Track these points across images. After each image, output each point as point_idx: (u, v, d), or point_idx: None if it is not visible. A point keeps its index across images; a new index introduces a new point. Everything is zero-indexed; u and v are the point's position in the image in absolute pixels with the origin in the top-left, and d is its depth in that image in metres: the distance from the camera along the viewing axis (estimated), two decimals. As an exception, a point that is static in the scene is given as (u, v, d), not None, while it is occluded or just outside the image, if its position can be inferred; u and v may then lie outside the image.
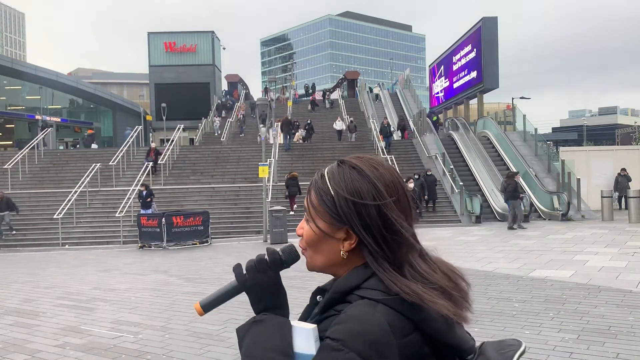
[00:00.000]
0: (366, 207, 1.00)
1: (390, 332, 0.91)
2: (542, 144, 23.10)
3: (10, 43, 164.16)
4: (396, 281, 0.97)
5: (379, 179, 1.01)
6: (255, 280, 1.07)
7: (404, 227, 1.00)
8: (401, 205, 1.02)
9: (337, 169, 1.05)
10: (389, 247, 0.99)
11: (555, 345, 5.13)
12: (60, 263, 13.61)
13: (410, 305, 0.95)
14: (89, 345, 5.91)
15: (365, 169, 1.03)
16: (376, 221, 0.99)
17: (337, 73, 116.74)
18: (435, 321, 0.97)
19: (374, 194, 1.00)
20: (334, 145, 26.34)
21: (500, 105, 58.88)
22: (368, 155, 1.08)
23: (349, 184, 1.01)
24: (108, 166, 22.47)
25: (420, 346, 0.96)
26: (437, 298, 0.97)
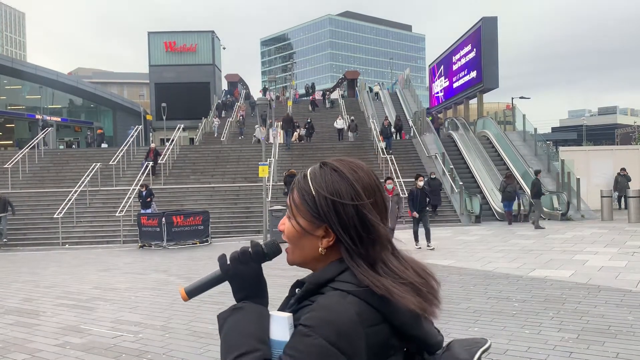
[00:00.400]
0: (344, 206, 1.06)
1: (358, 321, 0.98)
2: (542, 143, 23.11)
3: (10, 43, 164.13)
4: (367, 275, 1.03)
5: (358, 181, 1.08)
6: (237, 270, 1.14)
7: (380, 227, 1.07)
8: (378, 207, 1.09)
9: (319, 170, 1.12)
10: (364, 244, 1.06)
11: (555, 345, 5.14)
12: (60, 262, 13.61)
13: (379, 298, 1.01)
14: (89, 344, 5.92)
15: (346, 171, 1.10)
16: (353, 220, 1.06)
17: (337, 73, 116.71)
18: (403, 314, 1.03)
19: (353, 195, 1.07)
20: (334, 145, 26.35)
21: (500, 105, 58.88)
22: (350, 158, 1.15)
23: (329, 184, 1.08)
24: (108, 166, 22.48)
25: (388, 337, 1.02)
26: (405, 293, 1.03)
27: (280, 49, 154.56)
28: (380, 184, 1.14)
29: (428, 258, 11.08)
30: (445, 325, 6.01)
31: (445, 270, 9.68)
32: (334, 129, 30.37)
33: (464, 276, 8.95)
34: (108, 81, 72.79)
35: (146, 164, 22.22)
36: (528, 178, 20.27)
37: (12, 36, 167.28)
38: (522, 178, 20.60)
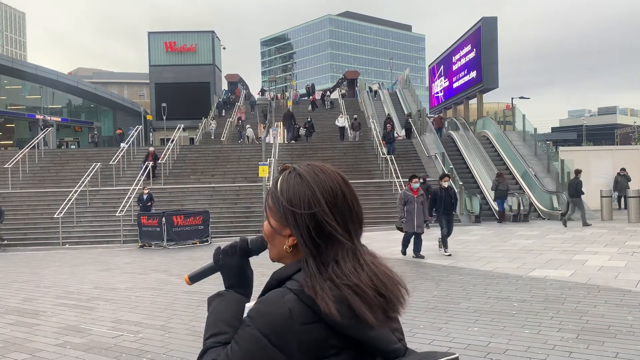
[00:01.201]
0: (298, 214, 1.13)
1: (290, 317, 1.05)
2: (542, 143, 23.11)
3: (10, 43, 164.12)
4: (307, 275, 1.10)
5: (318, 184, 1.13)
6: (225, 262, 1.30)
7: (335, 230, 1.11)
8: (338, 208, 1.13)
9: (287, 175, 1.18)
10: (316, 246, 1.12)
11: (555, 345, 5.14)
12: (60, 262, 13.62)
13: (311, 297, 1.07)
14: (89, 344, 5.92)
15: (308, 175, 1.15)
16: (306, 225, 1.12)
17: (337, 73, 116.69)
18: (341, 316, 1.06)
19: (310, 199, 1.12)
20: (334, 145, 26.34)
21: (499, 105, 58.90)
22: (319, 162, 1.21)
23: (290, 189, 1.15)
24: (108, 166, 22.48)
25: (325, 336, 1.06)
26: (330, 296, 1.06)
27: (280, 49, 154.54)
28: (345, 186, 1.16)
29: (428, 258, 11.10)
30: (446, 325, 6.02)
31: (445, 270, 9.69)
32: (334, 129, 30.35)
33: (464, 276, 8.96)
34: (108, 81, 72.85)
35: (147, 163, 22.14)
36: (528, 178, 20.29)
37: (12, 36, 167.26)
38: (522, 178, 20.60)
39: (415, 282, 8.49)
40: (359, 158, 24.52)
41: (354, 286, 1.08)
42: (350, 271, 1.10)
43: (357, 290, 1.07)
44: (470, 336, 5.56)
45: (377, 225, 17.34)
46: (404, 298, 1.14)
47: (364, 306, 1.06)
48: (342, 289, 1.07)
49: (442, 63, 38.47)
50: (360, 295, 1.07)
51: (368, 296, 1.08)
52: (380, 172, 22.45)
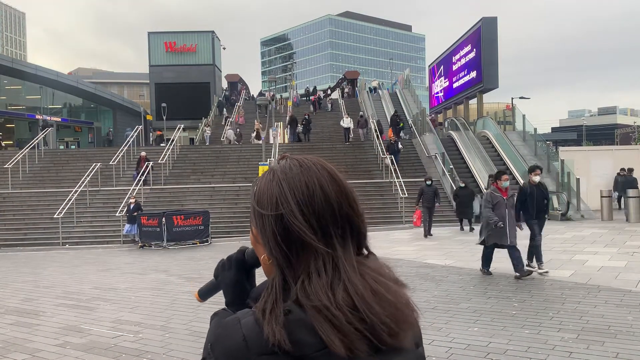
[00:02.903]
0: (263, 216, 0.95)
1: (245, 346, 0.88)
2: (542, 143, 23.10)
3: (10, 43, 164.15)
4: (266, 293, 0.93)
5: (289, 180, 0.95)
6: (222, 277, 1.13)
7: (305, 235, 0.91)
8: (314, 209, 0.93)
9: (264, 173, 1.02)
10: (284, 256, 0.93)
11: (555, 345, 5.14)
12: (60, 262, 13.62)
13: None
14: (89, 344, 5.92)
15: (280, 171, 0.98)
16: (272, 229, 0.94)
17: (337, 73, 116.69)
18: (302, 345, 0.87)
19: (277, 199, 0.94)
20: (334, 145, 26.34)
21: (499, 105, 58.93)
22: (307, 155, 1.02)
23: (261, 188, 0.98)
24: (108, 166, 22.48)
25: None
26: (279, 321, 0.87)
27: (280, 49, 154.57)
28: (330, 182, 0.96)
29: (428, 259, 11.09)
30: (446, 325, 6.02)
31: (445, 270, 9.69)
32: (333, 129, 30.34)
33: (464, 276, 8.95)
34: (108, 81, 72.87)
35: (137, 178, 21.43)
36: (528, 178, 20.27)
37: (12, 36, 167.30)
38: (523, 178, 20.57)
39: (415, 282, 8.49)
40: (358, 158, 24.52)
41: (322, 307, 0.87)
42: (322, 287, 0.89)
43: (325, 312, 0.87)
44: (470, 336, 5.56)
45: (377, 226, 17.34)
46: (402, 324, 0.91)
47: (333, 333, 0.86)
48: (308, 310, 0.87)
49: (442, 63, 38.46)
50: (329, 319, 0.86)
51: (339, 321, 0.86)
52: (380, 172, 22.45)
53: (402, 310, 0.91)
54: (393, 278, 0.96)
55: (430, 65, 43.63)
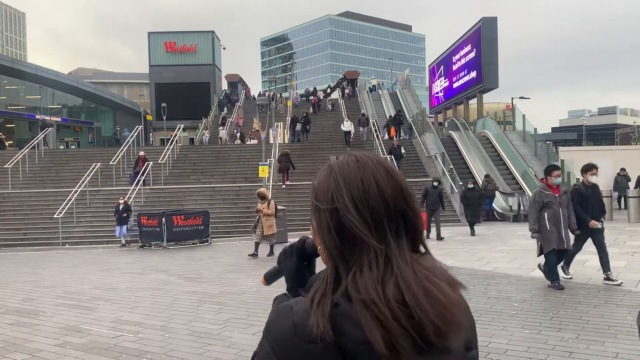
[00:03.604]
0: (320, 209, 0.99)
1: (293, 333, 0.90)
2: (542, 143, 23.12)
3: (10, 43, 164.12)
4: (319, 283, 0.95)
5: (345, 176, 0.97)
6: (284, 263, 1.19)
7: (357, 229, 0.93)
8: (369, 205, 0.94)
9: (323, 168, 1.05)
10: (338, 249, 0.95)
11: (555, 345, 5.14)
12: (60, 262, 13.61)
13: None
14: (89, 344, 5.92)
15: (337, 166, 1.00)
16: (327, 222, 0.96)
17: (337, 73, 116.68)
18: (347, 337, 0.88)
19: (333, 193, 0.97)
20: (334, 145, 26.33)
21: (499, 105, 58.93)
22: (364, 152, 1.04)
23: (319, 183, 1.01)
24: (108, 166, 22.48)
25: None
26: (324, 312, 0.89)
27: (280, 49, 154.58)
28: (387, 179, 0.97)
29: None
30: (445, 325, 6.01)
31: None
32: (334, 129, 30.32)
33: (464, 276, 8.95)
34: (108, 81, 72.85)
35: (134, 177, 21.50)
36: (528, 178, 20.28)
37: (12, 36, 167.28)
38: (523, 178, 20.60)
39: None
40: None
41: (370, 302, 0.87)
42: (373, 282, 0.90)
43: (372, 307, 0.87)
44: None
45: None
46: (450, 325, 0.89)
47: (377, 329, 0.86)
48: (356, 304, 0.88)
49: (442, 63, 38.46)
50: (376, 314, 0.87)
51: (384, 317, 0.86)
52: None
53: (451, 310, 0.90)
54: (447, 278, 0.95)
55: (430, 65, 43.63)
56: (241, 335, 6.04)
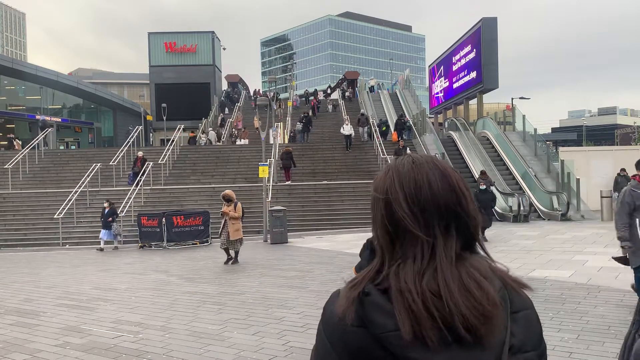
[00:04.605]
0: (375, 199, 1.06)
1: (341, 316, 0.96)
2: (542, 144, 23.11)
3: (10, 43, 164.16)
4: (365, 270, 1.02)
5: (401, 174, 1.05)
6: (363, 255, 1.21)
7: (406, 220, 0.99)
8: (420, 201, 1.00)
9: (385, 168, 1.13)
10: (388, 236, 1.02)
11: (555, 345, 5.14)
12: (60, 263, 13.61)
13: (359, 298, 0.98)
14: (89, 345, 5.92)
15: (394, 166, 1.08)
16: (381, 212, 1.03)
17: (337, 73, 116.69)
18: (377, 325, 0.93)
19: (388, 187, 1.04)
20: (334, 145, 26.32)
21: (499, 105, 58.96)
22: (421, 155, 1.10)
23: (377, 179, 1.09)
24: (108, 166, 22.49)
25: (371, 346, 0.93)
26: (351, 298, 0.96)
27: (280, 50, 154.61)
28: (440, 178, 1.03)
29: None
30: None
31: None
32: (334, 129, 30.30)
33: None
34: (108, 81, 72.80)
35: (132, 176, 21.54)
36: (528, 178, 20.28)
37: (12, 36, 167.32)
38: (523, 178, 20.60)
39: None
40: (358, 158, 24.51)
41: (405, 290, 0.93)
42: (413, 273, 0.95)
43: (406, 295, 0.92)
44: None
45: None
46: (483, 320, 0.92)
47: (407, 316, 0.91)
48: (393, 291, 0.94)
49: (442, 63, 38.47)
50: (408, 302, 0.92)
51: (416, 305, 0.91)
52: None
53: (485, 306, 0.93)
54: (491, 278, 0.99)
55: (430, 65, 43.63)
56: (241, 335, 6.04)
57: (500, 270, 1.05)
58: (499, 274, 1.04)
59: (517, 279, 1.07)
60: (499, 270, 1.05)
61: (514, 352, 0.98)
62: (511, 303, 1.02)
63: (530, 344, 1.02)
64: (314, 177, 22.87)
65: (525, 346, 1.01)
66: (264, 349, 5.50)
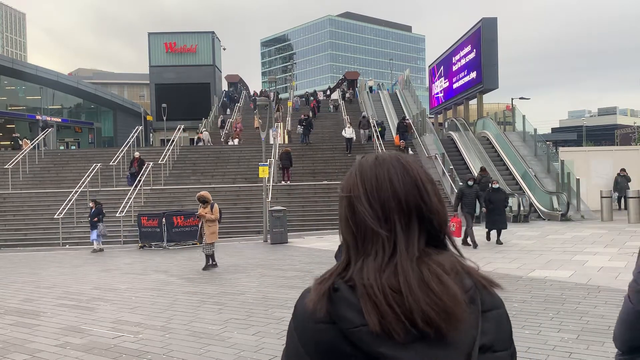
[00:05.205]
0: (340, 197, 1.08)
1: (308, 314, 0.97)
2: (542, 144, 23.10)
3: (10, 43, 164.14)
4: (329, 269, 1.03)
5: (364, 171, 1.06)
6: (339, 258, 1.23)
7: (367, 217, 1.00)
8: (380, 198, 1.01)
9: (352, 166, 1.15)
10: (352, 234, 1.03)
11: (555, 345, 5.14)
12: (60, 263, 13.62)
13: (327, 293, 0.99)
14: (89, 345, 5.93)
15: (359, 163, 1.09)
16: (345, 210, 1.05)
17: (337, 73, 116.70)
18: (345, 320, 0.93)
19: (352, 185, 1.05)
20: (334, 145, 26.32)
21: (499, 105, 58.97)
22: (387, 152, 1.11)
23: (344, 178, 1.10)
24: (109, 166, 22.49)
25: (338, 341, 0.93)
26: (320, 292, 0.97)
27: (280, 50, 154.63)
28: (403, 176, 1.03)
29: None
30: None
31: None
32: (334, 129, 30.30)
33: (464, 276, 8.94)
34: (108, 82, 72.78)
35: (130, 177, 21.54)
36: (528, 178, 20.28)
37: (12, 37, 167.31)
38: (523, 178, 20.59)
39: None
40: (357, 158, 24.47)
41: (368, 286, 0.94)
42: (374, 269, 0.96)
43: (369, 290, 0.93)
44: None
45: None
46: (444, 315, 0.91)
47: (374, 312, 0.91)
48: (358, 287, 0.95)
49: (442, 64, 38.48)
50: (372, 297, 0.93)
51: (379, 300, 0.92)
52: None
53: (446, 302, 0.92)
54: (459, 275, 0.98)
55: (430, 65, 43.65)
56: (241, 335, 6.04)
57: (470, 268, 1.03)
58: (469, 271, 1.02)
59: (488, 277, 1.05)
60: (469, 267, 1.03)
61: (484, 351, 0.98)
62: (482, 302, 1.01)
63: (501, 343, 1.01)
64: (314, 177, 22.88)
65: (495, 346, 1.00)
66: (264, 349, 5.50)
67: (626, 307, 1.66)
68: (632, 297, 1.62)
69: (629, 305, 1.64)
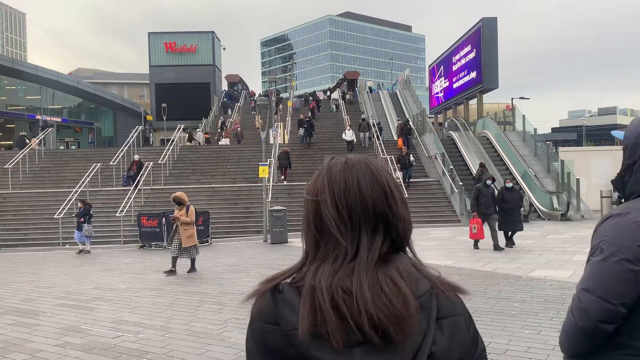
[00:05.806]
0: (306, 200, 1.06)
1: (257, 313, 0.98)
2: (542, 144, 23.11)
3: (10, 43, 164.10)
4: (283, 268, 1.04)
5: (331, 175, 1.04)
6: None
7: (331, 224, 0.99)
8: (347, 203, 0.99)
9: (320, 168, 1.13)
10: (314, 239, 1.02)
11: (555, 345, 5.14)
12: (60, 263, 13.62)
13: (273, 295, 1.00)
14: (89, 344, 5.92)
15: (327, 167, 1.07)
16: (308, 214, 1.04)
17: (337, 73, 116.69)
18: (285, 321, 0.94)
19: (318, 189, 1.04)
20: (334, 145, 26.31)
21: (499, 105, 58.96)
22: (357, 155, 1.09)
23: (311, 180, 1.09)
24: (109, 166, 22.48)
25: (283, 343, 0.93)
26: (262, 292, 0.98)
27: (280, 50, 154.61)
28: (371, 182, 1.01)
29: (429, 259, 11.09)
30: (445, 325, 6.01)
31: (445, 270, 9.68)
32: (334, 130, 30.30)
33: (464, 276, 8.96)
34: (108, 81, 72.77)
35: (126, 178, 21.62)
36: (528, 178, 20.29)
37: (12, 36, 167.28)
38: (523, 178, 20.59)
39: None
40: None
41: (317, 287, 0.92)
42: (329, 272, 0.95)
43: (317, 292, 0.92)
44: None
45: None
46: (394, 320, 0.90)
47: (310, 315, 0.90)
48: (305, 289, 0.94)
49: (442, 63, 38.48)
50: (317, 300, 0.91)
51: (324, 302, 0.90)
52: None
53: (396, 305, 0.91)
54: (414, 280, 0.96)
55: (430, 65, 43.66)
56: (241, 335, 6.03)
57: (429, 274, 1.01)
58: (428, 277, 1.00)
59: (449, 282, 1.01)
60: (428, 273, 1.00)
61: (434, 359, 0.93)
62: (439, 308, 0.97)
63: (456, 354, 0.97)
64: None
65: (449, 356, 0.95)
66: (264, 348, 5.49)
67: (569, 320, 1.65)
68: (575, 313, 1.60)
69: (572, 320, 1.63)
